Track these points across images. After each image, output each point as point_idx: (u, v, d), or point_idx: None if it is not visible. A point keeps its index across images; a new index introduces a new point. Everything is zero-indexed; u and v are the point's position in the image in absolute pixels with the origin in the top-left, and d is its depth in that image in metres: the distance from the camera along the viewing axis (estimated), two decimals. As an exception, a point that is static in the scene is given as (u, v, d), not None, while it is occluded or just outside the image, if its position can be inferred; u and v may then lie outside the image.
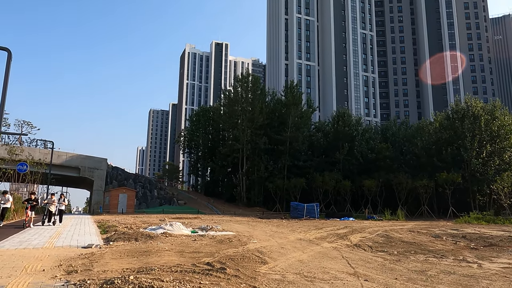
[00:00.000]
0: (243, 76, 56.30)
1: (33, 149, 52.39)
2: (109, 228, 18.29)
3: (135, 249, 11.50)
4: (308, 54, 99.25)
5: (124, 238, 13.41)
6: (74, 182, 68.25)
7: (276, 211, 48.80)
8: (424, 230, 23.08)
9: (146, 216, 34.86)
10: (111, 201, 44.32)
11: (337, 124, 54.94)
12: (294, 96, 55.38)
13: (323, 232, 19.32)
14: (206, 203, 54.16)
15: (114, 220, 25.35)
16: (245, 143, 52.42)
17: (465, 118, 45.75)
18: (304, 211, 34.68)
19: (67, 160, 55.58)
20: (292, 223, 25.99)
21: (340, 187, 47.51)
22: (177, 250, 11.30)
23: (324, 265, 9.62)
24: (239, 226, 20.69)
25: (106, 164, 57.98)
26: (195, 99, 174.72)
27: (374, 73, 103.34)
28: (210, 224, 21.35)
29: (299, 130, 54.08)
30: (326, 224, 25.27)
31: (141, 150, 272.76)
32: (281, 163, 52.97)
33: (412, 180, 43.99)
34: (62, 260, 9.54)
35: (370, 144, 53.53)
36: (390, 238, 18.52)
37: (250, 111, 53.69)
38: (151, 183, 63.47)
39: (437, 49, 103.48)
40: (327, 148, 54.96)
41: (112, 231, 16.60)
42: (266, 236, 15.67)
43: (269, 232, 17.72)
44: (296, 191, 47.90)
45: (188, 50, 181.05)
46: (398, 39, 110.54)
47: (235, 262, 9.46)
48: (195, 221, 25.34)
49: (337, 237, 17.99)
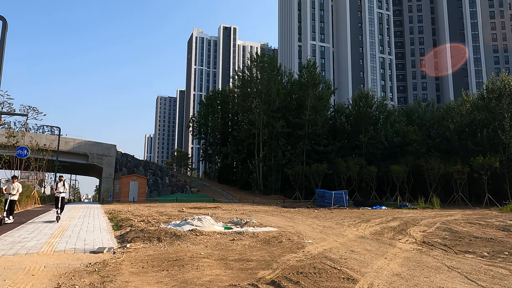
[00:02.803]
0: (258, 55, 52.80)
1: (39, 135, 49.88)
2: (122, 221, 15.46)
3: (161, 255, 8.61)
4: (322, 35, 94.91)
5: (143, 237, 10.53)
6: (83, 169, 65.99)
7: (296, 199, 45.94)
8: (482, 222, 20.04)
9: (160, 205, 32.18)
10: (122, 189, 41.72)
11: (359, 106, 51.48)
12: (313, 76, 51.90)
13: (375, 226, 16.33)
14: (221, 191, 51.43)
15: (126, 211, 22.61)
16: (261, 127, 49.28)
17: (502, 97, 42.03)
18: (332, 199, 31.66)
19: (75, 147, 53.08)
20: (327, 214, 23.03)
21: (365, 173, 44.37)
22: (217, 257, 8.38)
23: (439, 283, 6.63)
24: (274, 218, 17.76)
25: (115, 150, 55.39)
26: (203, 84, 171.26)
27: (391, 54, 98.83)
28: (239, 216, 18.46)
29: (318, 113, 50.77)
30: (366, 215, 22.25)
31: (149, 138, 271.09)
32: (300, 148, 49.83)
33: (445, 165, 40.60)
34: (63, 276, 6.68)
35: (396, 127, 50.06)
36: (456, 232, 15.54)
37: (266, 93, 50.37)
38: (162, 170, 60.88)
39: (458, 28, 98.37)
40: (349, 131, 51.61)
41: (126, 226, 13.76)
42: (317, 233, 12.71)
43: (315, 227, 14.77)
44: (318, 178, 44.86)
45: (195, 34, 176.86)
46: (416, 18, 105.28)
47: (310, 279, 6.51)
48: (218, 211, 22.48)
49: (394, 231, 15.04)
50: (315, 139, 50.52)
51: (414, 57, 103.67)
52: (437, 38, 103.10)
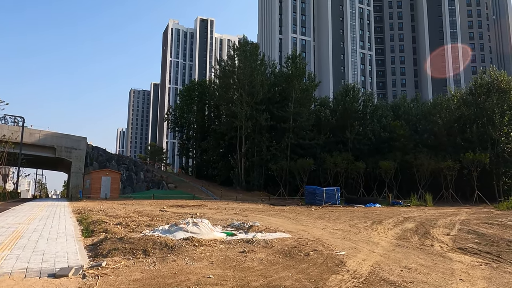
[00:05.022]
0: (241, 43, 50.06)
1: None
2: (94, 224, 12.65)
3: (152, 279, 6.02)
4: (303, 28, 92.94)
5: (124, 249, 7.87)
6: (50, 163, 61.41)
7: (280, 195, 43.79)
8: (494, 221, 18.42)
9: (136, 202, 29.16)
10: (93, 184, 38.24)
11: (344, 101, 49.79)
12: (298, 68, 49.78)
13: (394, 228, 14.23)
14: (200, 187, 48.59)
15: (98, 210, 19.64)
16: (244, 120, 46.71)
17: (490, 92, 41.26)
18: (324, 196, 29.60)
19: (41, 139, 48.80)
20: (326, 213, 20.84)
21: (352, 169, 42.70)
22: (234, 283, 5.87)
23: None
24: (277, 220, 15.34)
25: (85, 143, 51.45)
26: (179, 77, 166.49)
27: (371, 50, 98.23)
28: (233, 216, 15.94)
29: (303, 106, 48.73)
30: (371, 214, 20.20)
31: (122, 132, 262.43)
32: (284, 142, 47.64)
33: (435, 161, 39.42)
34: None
35: (383, 121, 48.66)
36: (483, 235, 13.65)
37: (250, 84, 47.79)
38: (136, 165, 57.31)
39: (437, 26, 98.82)
40: (333, 125, 49.84)
41: (100, 232, 11.00)
42: (339, 239, 10.39)
43: (332, 231, 12.47)
44: (303, 174, 42.82)
45: (171, 26, 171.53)
46: (396, 15, 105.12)
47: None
48: (206, 211, 19.85)
49: (418, 235, 13.01)
50: (299, 133, 48.47)
51: (394, 54, 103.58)
52: (416, 35, 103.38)
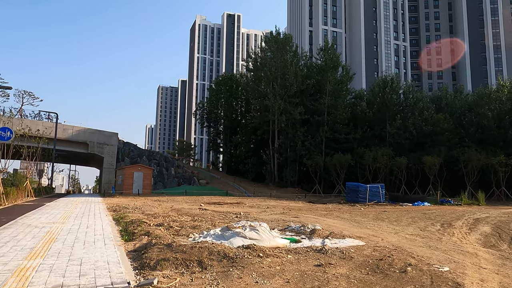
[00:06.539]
0: (273, 34, 48.29)
1: (34, 122, 45.73)
2: (133, 225, 11.39)
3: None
4: (334, 19, 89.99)
5: (175, 260, 6.45)
6: (82, 159, 61.95)
7: (315, 192, 41.94)
8: None
9: (170, 199, 28.18)
10: (125, 180, 37.67)
11: (383, 93, 47.20)
12: (332, 59, 47.59)
13: (472, 233, 12.26)
14: (231, 183, 47.38)
15: (134, 207, 18.58)
16: (277, 114, 45.04)
17: (548, 82, 37.79)
18: (367, 193, 27.62)
19: (74, 135, 49.01)
20: (380, 212, 18.97)
21: (393, 165, 40.27)
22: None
23: None
24: (334, 222, 13.68)
25: (116, 139, 51.32)
26: (206, 73, 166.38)
27: (406, 41, 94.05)
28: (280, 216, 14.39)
29: (338, 98, 46.57)
30: (430, 215, 18.14)
31: (150, 128, 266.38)
32: (319, 136, 45.65)
33: (484, 156, 36.46)
34: None
35: (424, 115, 45.76)
36: None
37: (282, 76, 46.02)
38: (167, 161, 56.77)
39: (477, 14, 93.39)
40: (371, 119, 47.37)
41: (141, 234, 9.68)
42: (424, 248, 8.63)
43: (407, 236, 10.69)
44: (341, 169, 40.78)
45: (198, 22, 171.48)
46: (431, 3, 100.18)
47: None
48: (248, 210, 18.41)
49: (506, 242, 11.01)
50: (334, 127, 46.33)
51: (430, 44, 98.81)
52: (453, 24, 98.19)
